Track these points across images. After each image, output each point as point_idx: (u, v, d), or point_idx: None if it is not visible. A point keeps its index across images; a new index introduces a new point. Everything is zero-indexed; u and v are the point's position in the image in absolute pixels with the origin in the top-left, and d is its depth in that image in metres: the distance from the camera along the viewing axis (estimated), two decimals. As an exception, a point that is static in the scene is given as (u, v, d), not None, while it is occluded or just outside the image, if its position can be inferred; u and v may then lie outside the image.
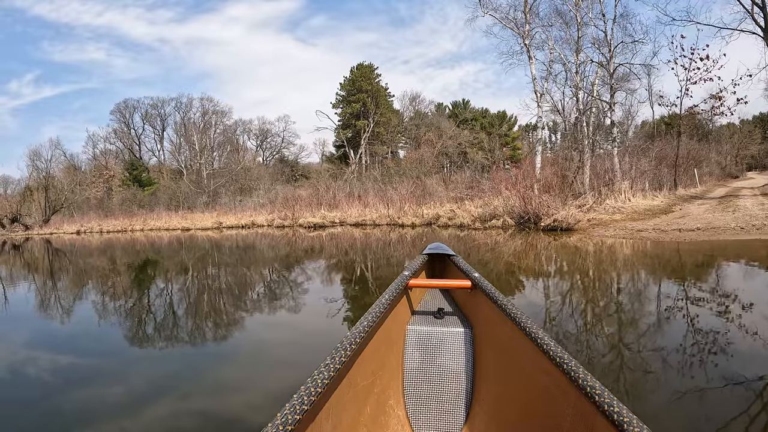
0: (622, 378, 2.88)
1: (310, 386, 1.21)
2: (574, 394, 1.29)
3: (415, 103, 48.60)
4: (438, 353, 2.10)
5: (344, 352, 1.43)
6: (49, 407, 3.04)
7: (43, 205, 36.60)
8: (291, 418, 1.08)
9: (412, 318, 2.28)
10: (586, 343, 3.63)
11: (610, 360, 3.21)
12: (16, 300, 7.99)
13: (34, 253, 18.42)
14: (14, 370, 3.92)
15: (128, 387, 3.34)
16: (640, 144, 21.24)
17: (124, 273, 10.79)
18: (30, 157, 41.84)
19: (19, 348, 4.72)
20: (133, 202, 37.97)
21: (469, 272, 2.33)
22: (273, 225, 23.43)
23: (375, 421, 1.78)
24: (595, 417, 1.17)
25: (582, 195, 14.53)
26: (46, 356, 4.33)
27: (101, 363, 4.03)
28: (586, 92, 18.26)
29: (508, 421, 1.73)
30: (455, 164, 36.83)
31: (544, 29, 18.05)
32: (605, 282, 6.23)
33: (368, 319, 1.68)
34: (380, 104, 44.09)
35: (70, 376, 3.73)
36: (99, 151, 47.93)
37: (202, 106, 47.68)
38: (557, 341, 1.33)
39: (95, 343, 4.81)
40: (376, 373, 1.84)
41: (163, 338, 4.80)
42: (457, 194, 19.96)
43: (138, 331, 5.17)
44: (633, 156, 18.22)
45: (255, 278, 8.98)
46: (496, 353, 1.95)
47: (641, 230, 10.19)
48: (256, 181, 40.36)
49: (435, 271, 2.89)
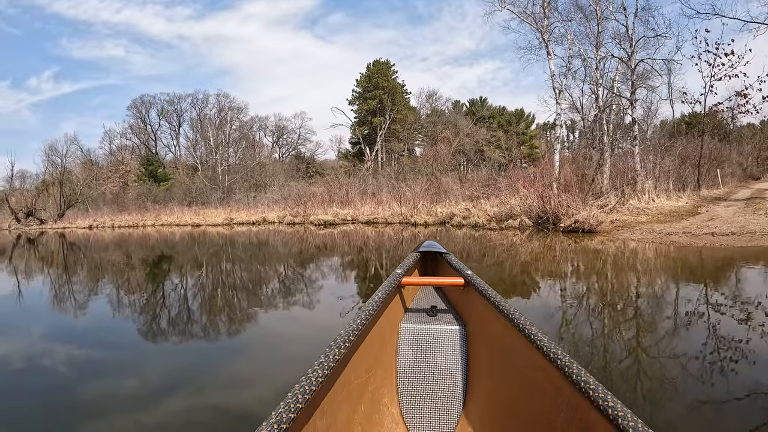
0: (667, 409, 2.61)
1: (305, 384, 1.21)
2: (568, 390, 1.29)
3: (432, 100, 48.24)
4: (431, 351, 2.11)
5: (338, 350, 1.43)
6: (64, 399, 3.06)
7: (58, 200, 36.86)
8: (286, 416, 1.08)
9: (405, 316, 2.29)
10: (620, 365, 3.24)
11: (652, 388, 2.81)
12: (33, 293, 8.02)
13: (49, 247, 18.49)
14: (31, 361, 3.92)
15: (143, 380, 3.36)
16: (664, 142, 20.57)
17: (139, 268, 10.79)
18: (46, 152, 42.27)
19: (36, 340, 4.71)
20: (148, 197, 38.25)
21: (461, 270, 2.33)
22: (284, 222, 23.27)
23: (369, 420, 1.78)
24: (590, 411, 1.17)
25: (603, 195, 13.99)
26: (62, 348, 4.34)
27: (116, 356, 4.06)
28: (606, 88, 17.68)
29: (502, 418, 1.74)
30: (472, 162, 36.38)
31: (563, 23, 17.54)
32: (641, 298, 5.21)
33: (361, 318, 1.68)
34: (397, 101, 43.78)
35: (86, 368, 3.75)
36: (115, 147, 48.32)
37: (218, 103, 47.88)
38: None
39: (111, 336, 4.82)
40: (370, 371, 1.85)
41: (178, 332, 4.80)
42: (472, 192, 19.49)
43: (152, 325, 5.16)
44: (657, 154, 17.60)
45: (268, 274, 8.84)
46: (490, 350, 1.95)
47: (670, 233, 9.60)
48: (270, 178, 40.30)
49: (428, 269, 2.90)
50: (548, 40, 17.36)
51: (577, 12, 17.34)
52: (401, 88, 45.19)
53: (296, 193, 26.88)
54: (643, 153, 17.18)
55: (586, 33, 17.40)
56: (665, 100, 24.14)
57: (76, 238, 22.78)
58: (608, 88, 17.71)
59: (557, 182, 14.70)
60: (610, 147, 16.40)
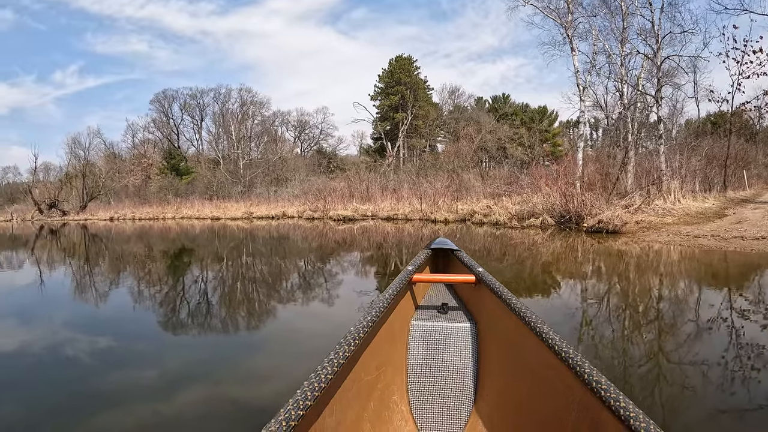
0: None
1: (314, 382, 1.20)
2: (580, 389, 1.27)
3: (455, 96, 47.91)
4: (442, 348, 2.09)
5: (348, 347, 1.42)
6: (85, 387, 3.10)
7: (80, 192, 37.60)
8: (294, 413, 1.07)
9: (416, 313, 2.28)
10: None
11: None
12: (56, 283, 8.19)
13: (72, 238, 18.92)
14: (53, 350, 3.98)
15: (162, 371, 3.39)
16: (691, 141, 20.06)
17: (160, 260, 10.97)
18: (69, 144, 43.09)
19: (58, 329, 4.78)
20: (170, 190, 38.71)
21: (472, 267, 2.32)
22: (303, 216, 23.35)
23: (379, 417, 1.77)
24: (601, 411, 1.16)
25: (628, 195, 13.70)
26: (84, 337, 4.40)
27: (137, 346, 4.11)
28: (631, 85, 17.29)
29: (512, 416, 1.73)
30: (494, 159, 36.04)
31: (588, 19, 17.20)
32: (669, 304, 4.85)
33: (372, 315, 1.67)
34: (419, 97, 43.61)
35: (107, 357, 3.79)
36: (138, 140, 49.05)
37: (240, 97, 48.25)
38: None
39: (132, 326, 4.88)
40: (380, 368, 1.84)
41: (197, 324, 4.82)
42: (494, 190, 19.29)
43: (173, 317, 5.21)
44: (683, 153, 17.17)
45: (287, 268, 8.86)
46: (500, 348, 1.94)
47: (698, 236, 9.24)
48: (292, 172, 40.50)
49: (439, 266, 2.88)
50: (572, 35, 17.04)
51: (602, 7, 16.98)
52: (423, 84, 44.96)
53: (316, 188, 26.92)
54: (668, 152, 16.77)
55: (611, 28, 17.00)
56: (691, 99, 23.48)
57: (98, 229, 23.26)
58: (633, 85, 17.32)
59: (580, 181, 14.44)
60: (634, 146, 16.04)
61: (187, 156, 48.81)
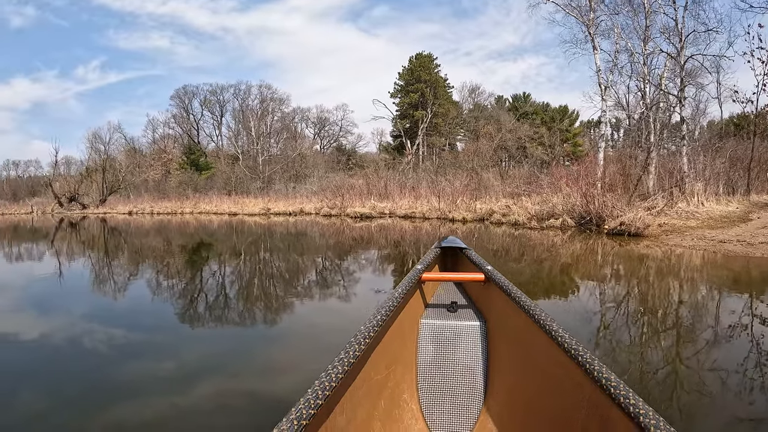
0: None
1: (324, 381, 1.21)
2: (589, 386, 1.28)
3: (475, 95, 47.58)
4: (451, 347, 2.10)
5: (358, 346, 1.43)
6: (103, 378, 3.13)
7: (100, 186, 38.19)
8: (305, 412, 1.07)
9: (426, 311, 2.28)
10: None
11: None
12: (76, 275, 8.36)
13: (91, 231, 19.29)
14: (72, 341, 4.04)
15: (179, 363, 3.42)
16: (715, 142, 19.59)
17: (179, 254, 11.12)
18: (89, 139, 43.79)
19: (78, 320, 4.85)
20: (189, 185, 39.15)
21: (482, 265, 2.34)
22: (320, 213, 23.40)
23: (389, 415, 1.78)
24: (611, 409, 1.16)
25: (650, 196, 13.44)
26: (102, 329, 4.45)
27: (154, 338, 4.18)
28: (653, 85, 16.94)
29: (522, 414, 1.73)
30: (514, 159, 35.74)
31: (610, 16, 16.88)
32: (699, 317, 4.42)
33: (381, 313, 1.68)
34: (439, 95, 43.42)
35: (125, 349, 3.84)
36: (158, 135, 49.67)
37: (260, 94, 48.53)
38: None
39: (150, 319, 4.93)
40: (390, 367, 1.84)
41: (215, 318, 4.86)
42: (513, 189, 19.11)
43: (190, 310, 5.26)
44: (707, 155, 16.77)
45: (305, 264, 8.90)
46: (510, 346, 1.94)
47: (723, 241, 8.93)
48: (311, 169, 40.67)
49: (448, 265, 2.90)
50: (594, 33, 16.74)
51: (625, 5, 16.59)
52: (443, 81, 44.75)
53: (334, 185, 26.90)
54: (691, 153, 16.40)
55: (634, 27, 16.64)
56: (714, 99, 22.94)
57: (117, 223, 23.69)
58: (656, 84, 16.98)
59: (601, 181, 14.21)
60: (656, 146, 15.73)
61: (206, 151, 49.30)
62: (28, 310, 5.38)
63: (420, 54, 44.53)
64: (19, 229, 21.33)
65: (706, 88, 19.93)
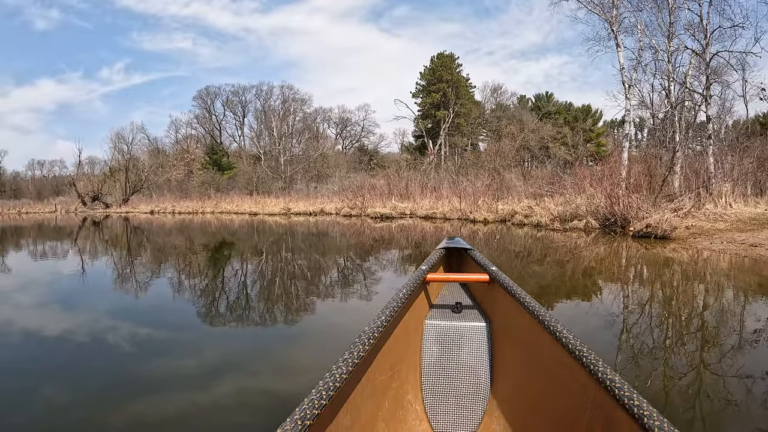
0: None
1: (329, 381, 1.22)
2: (594, 387, 1.27)
3: (497, 94, 47.23)
4: (456, 347, 2.10)
5: (362, 347, 1.44)
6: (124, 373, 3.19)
7: (123, 185, 38.87)
8: (309, 412, 1.07)
9: (430, 312, 2.28)
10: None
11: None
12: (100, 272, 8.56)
13: (114, 230, 19.71)
14: (96, 336, 4.12)
15: (200, 360, 3.46)
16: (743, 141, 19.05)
17: (200, 252, 11.28)
18: (113, 139, 44.59)
19: (101, 316, 4.94)
20: (211, 185, 39.64)
21: (486, 266, 2.34)
22: (341, 213, 23.47)
23: (393, 416, 1.78)
24: (615, 410, 1.16)
25: (676, 197, 13.13)
26: (125, 326, 4.53)
27: (176, 335, 4.24)
28: (678, 82, 16.55)
29: (526, 415, 1.73)
30: (536, 159, 35.37)
31: (633, 13, 16.55)
32: (734, 329, 4.03)
33: (386, 314, 1.68)
34: (461, 95, 43.23)
35: (147, 345, 3.91)
36: (181, 136, 50.39)
37: (282, 94, 48.92)
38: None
39: (173, 316, 5.01)
40: (394, 367, 1.85)
41: (236, 317, 4.90)
42: (536, 190, 18.90)
43: (212, 308, 5.33)
44: (735, 155, 16.30)
45: (326, 263, 8.94)
46: (514, 347, 1.95)
47: (755, 245, 8.53)
48: (332, 169, 40.83)
49: (452, 265, 2.90)
50: (617, 30, 16.46)
51: (648, 1, 16.31)
52: (465, 81, 44.53)
53: (355, 185, 26.90)
54: (718, 153, 15.96)
55: (658, 23, 16.30)
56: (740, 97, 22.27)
57: (139, 222, 24.16)
58: (681, 82, 16.58)
59: (626, 182, 13.94)
60: (682, 146, 15.36)
61: (229, 151, 49.89)
62: (54, 307, 5.51)
63: (441, 54, 44.41)
64: (43, 228, 21.91)
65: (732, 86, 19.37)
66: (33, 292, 6.60)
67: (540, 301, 2.05)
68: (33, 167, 54.16)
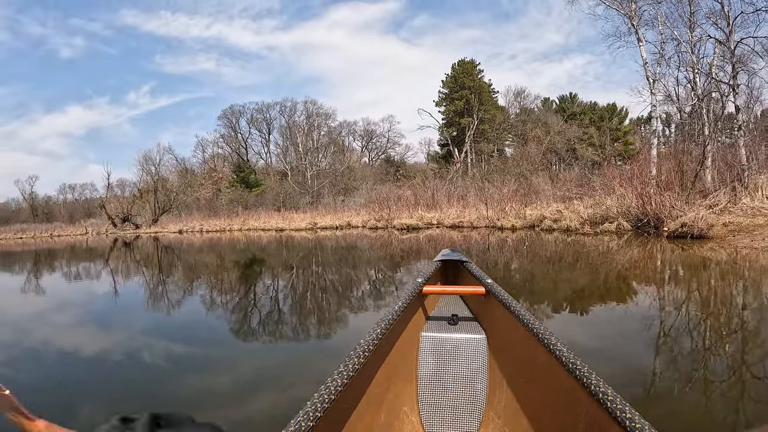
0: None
1: (324, 393, 1.22)
2: (587, 401, 1.28)
3: (521, 98, 46.75)
4: (452, 360, 2.11)
5: (357, 359, 1.44)
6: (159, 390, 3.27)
7: (153, 206, 39.76)
8: (304, 425, 1.08)
9: (426, 324, 2.30)
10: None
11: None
12: (134, 291, 8.74)
13: (145, 250, 20.17)
14: (132, 354, 4.22)
15: (235, 375, 3.53)
16: (778, 130, 18.30)
17: (231, 269, 11.43)
18: (140, 161, 45.56)
19: (136, 334, 5.07)
20: (239, 202, 40.18)
21: (482, 278, 2.35)
22: (367, 226, 23.49)
23: (389, 428, 1.79)
24: (609, 424, 1.16)
25: (710, 193, 12.71)
26: (160, 343, 4.64)
27: (210, 352, 4.30)
28: (704, 73, 16.08)
29: (521, 428, 1.73)
30: (564, 161, 34.86)
31: (653, 5, 16.19)
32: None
33: (382, 326, 1.69)
34: (484, 101, 42.98)
35: (182, 362, 3.99)
36: (208, 155, 51.29)
37: (306, 110, 49.42)
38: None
39: (206, 333, 5.11)
40: (390, 379, 1.86)
41: (269, 331, 4.98)
42: (564, 193, 18.61)
43: (244, 324, 5.42)
44: (767, 144, 15.67)
45: (356, 277, 8.97)
46: (510, 359, 1.97)
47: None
48: (359, 181, 41.00)
49: (449, 278, 2.90)
50: (638, 24, 16.16)
51: (667, -9, 15.95)
52: (488, 87, 44.29)
53: (380, 197, 26.71)
54: (750, 144, 15.38)
55: (678, 14, 15.86)
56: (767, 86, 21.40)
57: (169, 241, 24.70)
58: (706, 73, 16.09)
59: (656, 180, 13.60)
60: (711, 139, 14.88)
61: (256, 168, 50.58)
62: (90, 326, 5.69)
63: (462, 60, 44.31)
64: (75, 249, 22.64)
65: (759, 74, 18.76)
66: (69, 311, 6.83)
67: (573, 306, 2.06)
68: (65, 191, 55.66)
